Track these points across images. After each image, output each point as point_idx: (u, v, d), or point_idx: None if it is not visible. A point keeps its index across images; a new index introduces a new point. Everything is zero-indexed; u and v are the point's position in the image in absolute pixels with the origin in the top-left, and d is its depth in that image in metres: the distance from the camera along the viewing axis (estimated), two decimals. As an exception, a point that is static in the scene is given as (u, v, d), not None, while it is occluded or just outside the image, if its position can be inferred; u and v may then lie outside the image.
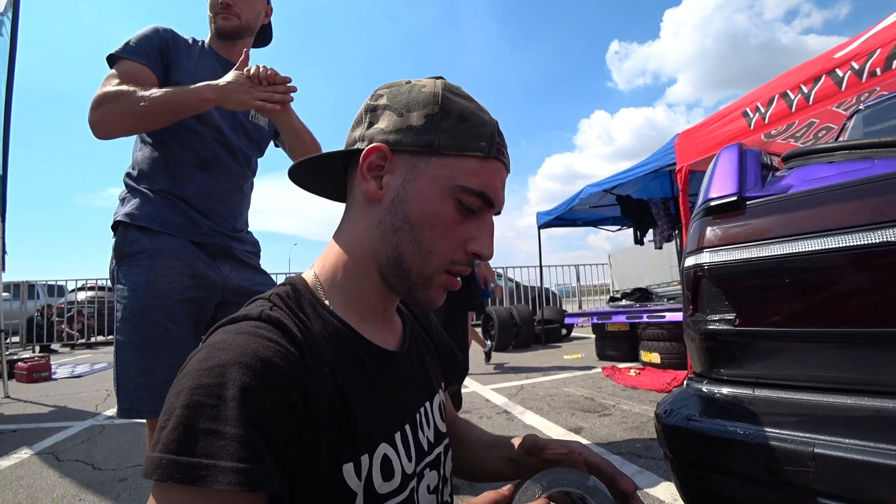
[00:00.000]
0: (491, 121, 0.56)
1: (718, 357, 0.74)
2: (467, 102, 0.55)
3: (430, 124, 0.53)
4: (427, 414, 0.62)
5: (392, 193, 0.54)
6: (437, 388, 0.67)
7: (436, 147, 0.52)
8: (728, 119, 4.56)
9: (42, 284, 10.49)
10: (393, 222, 0.54)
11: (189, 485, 0.38)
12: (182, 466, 0.38)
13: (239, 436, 0.39)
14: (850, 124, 2.01)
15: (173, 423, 0.40)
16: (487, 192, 0.54)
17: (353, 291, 0.57)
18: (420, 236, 0.53)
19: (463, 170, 0.53)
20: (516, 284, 11.07)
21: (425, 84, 0.55)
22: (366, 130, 0.56)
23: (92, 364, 6.97)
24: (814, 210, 0.66)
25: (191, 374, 0.42)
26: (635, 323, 4.94)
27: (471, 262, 0.57)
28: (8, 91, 4.29)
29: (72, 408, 4.08)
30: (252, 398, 0.41)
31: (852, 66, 3.46)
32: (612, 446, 2.52)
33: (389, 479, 0.51)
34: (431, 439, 0.60)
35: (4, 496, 2.22)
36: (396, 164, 0.54)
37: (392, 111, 0.54)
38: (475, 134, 0.53)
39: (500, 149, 0.55)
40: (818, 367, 0.64)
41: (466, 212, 0.54)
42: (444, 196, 0.53)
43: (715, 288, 0.74)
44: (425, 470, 0.58)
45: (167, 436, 0.39)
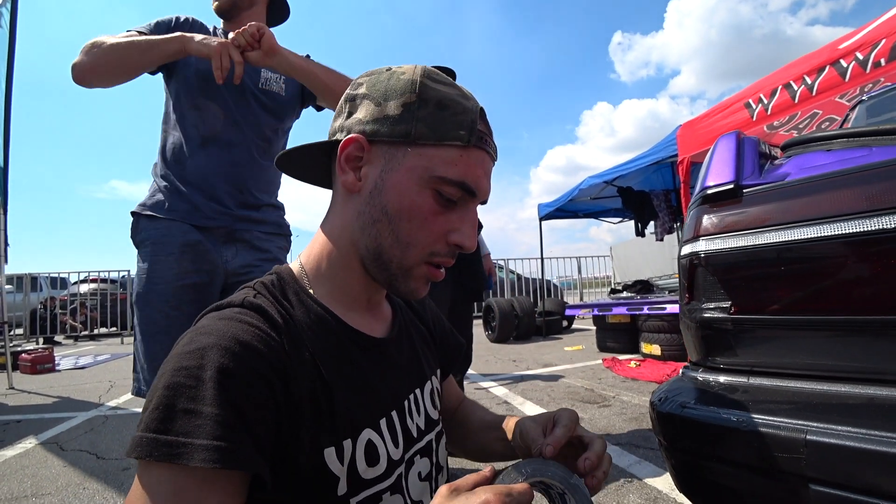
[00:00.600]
0: (473, 108, 0.54)
1: (714, 345, 0.74)
2: (447, 89, 0.53)
3: (407, 113, 0.51)
4: (417, 401, 0.61)
5: (370, 185, 0.53)
6: (428, 376, 0.66)
7: (412, 137, 0.51)
8: (730, 110, 4.54)
9: (45, 277, 10.53)
10: (371, 214, 0.53)
11: (167, 462, 0.39)
12: (161, 444, 0.39)
13: (215, 415, 0.40)
14: (852, 115, 2.00)
15: (154, 403, 0.41)
16: (468, 182, 0.53)
17: (337, 282, 0.58)
18: (398, 228, 0.53)
19: (441, 160, 0.52)
20: (518, 276, 11.08)
21: (405, 71, 0.54)
22: (345, 121, 0.55)
23: (95, 356, 7.01)
24: (811, 198, 0.66)
25: (173, 358, 0.43)
26: (636, 315, 4.94)
27: (453, 254, 0.56)
28: (8, 82, 4.28)
29: (75, 399, 4.11)
30: (229, 380, 0.41)
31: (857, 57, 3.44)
32: (612, 437, 2.53)
33: (374, 464, 0.51)
34: (422, 426, 0.60)
35: (10, 485, 2.24)
36: (374, 155, 0.53)
37: (370, 100, 0.53)
38: (454, 122, 0.52)
39: (483, 137, 0.54)
40: (813, 355, 0.64)
41: (446, 202, 0.53)
42: (422, 187, 0.52)
43: (711, 276, 0.74)
44: (415, 457, 0.58)
45: (149, 415, 0.41)
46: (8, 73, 4.28)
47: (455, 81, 0.57)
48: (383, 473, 0.52)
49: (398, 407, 0.58)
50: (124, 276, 10.28)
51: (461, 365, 0.70)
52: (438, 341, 0.76)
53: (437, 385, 0.70)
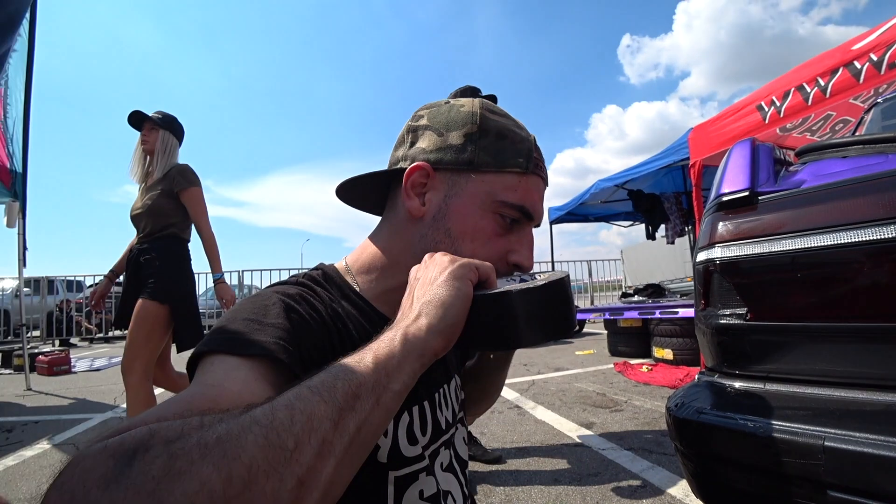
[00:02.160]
0: (528, 137, 0.58)
1: (730, 351, 0.74)
2: (505, 120, 0.57)
3: (470, 143, 0.55)
4: (445, 395, 0.65)
5: (434, 209, 0.56)
6: (453, 372, 0.70)
7: (475, 164, 0.55)
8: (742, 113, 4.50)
9: (61, 280, 10.69)
10: (434, 237, 0.56)
11: (230, 353, 0.43)
12: (227, 339, 0.44)
13: (274, 325, 0.46)
14: (867, 118, 1.98)
15: (222, 319, 0.48)
16: (526, 206, 0.56)
17: (384, 292, 0.61)
18: (460, 247, 0.55)
19: (502, 185, 0.55)
20: (527, 280, 11.02)
21: (464, 104, 0.57)
22: (408, 150, 0.59)
23: (110, 357, 7.11)
24: (826, 205, 0.66)
25: (240, 308, 0.49)
26: (648, 319, 4.91)
27: (510, 273, 0.58)
28: (27, 91, 4.37)
29: (91, 400, 4.18)
30: (290, 311, 0.48)
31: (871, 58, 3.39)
32: (624, 441, 2.52)
33: (414, 444, 0.55)
34: (449, 419, 0.64)
35: (28, 485, 2.29)
36: (438, 182, 0.56)
37: (432, 131, 0.57)
38: (513, 150, 0.55)
39: (539, 164, 0.57)
40: (829, 361, 0.64)
41: (508, 225, 0.56)
42: (485, 211, 0.55)
43: (727, 283, 0.74)
44: (441, 448, 0.61)
45: (217, 324, 0.47)
46: (27, 81, 4.37)
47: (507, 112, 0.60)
48: (419, 455, 0.56)
49: (430, 398, 0.61)
50: (138, 279, 10.42)
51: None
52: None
53: (459, 382, 0.73)
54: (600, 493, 1.93)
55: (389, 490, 0.52)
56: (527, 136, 0.58)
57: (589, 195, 6.81)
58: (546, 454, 2.37)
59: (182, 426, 0.29)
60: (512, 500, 1.95)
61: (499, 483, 2.12)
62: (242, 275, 10.45)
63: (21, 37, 4.35)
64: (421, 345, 0.41)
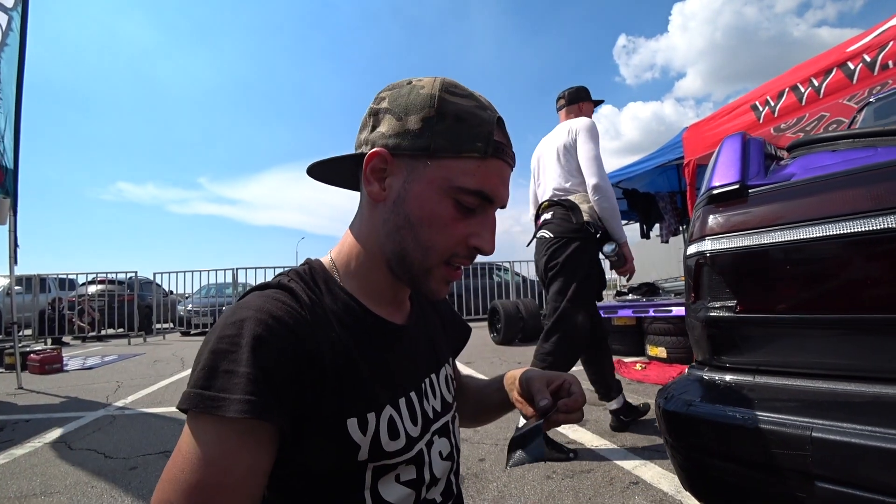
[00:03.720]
0: (490, 119, 0.57)
1: (719, 344, 0.74)
2: (465, 101, 0.56)
3: (426, 128, 0.55)
4: (433, 385, 0.66)
5: (394, 194, 0.57)
6: (443, 362, 0.71)
7: (432, 150, 0.54)
8: (737, 112, 4.53)
9: (53, 278, 10.61)
10: (396, 221, 0.57)
11: (209, 414, 0.46)
12: (204, 398, 0.46)
13: (248, 374, 0.46)
14: (860, 117, 1.99)
15: (201, 365, 0.48)
16: (485, 191, 0.56)
17: (365, 280, 0.62)
18: (419, 234, 0.56)
19: (460, 170, 0.55)
20: (523, 279, 11.06)
21: (424, 85, 0.57)
22: (369, 134, 0.59)
23: (102, 356, 7.06)
24: (815, 197, 0.66)
25: (218, 327, 0.50)
26: (641, 317, 4.93)
27: (472, 255, 0.60)
28: (18, 86, 4.33)
29: (83, 398, 4.15)
30: (261, 346, 0.48)
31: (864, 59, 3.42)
32: (617, 439, 2.53)
33: (395, 438, 0.56)
34: (438, 408, 0.65)
35: (20, 483, 2.27)
36: (397, 167, 0.57)
37: (392, 115, 0.57)
38: (472, 135, 0.55)
39: (500, 147, 0.57)
40: (818, 353, 0.65)
41: (466, 210, 0.57)
42: (442, 196, 0.55)
43: (716, 275, 0.74)
44: (434, 437, 0.63)
45: (196, 375, 0.48)
46: (18, 77, 4.34)
47: (473, 91, 0.59)
48: (403, 448, 0.57)
49: (416, 388, 0.63)
50: (131, 277, 10.35)
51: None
52: (450, 328, 0.82)
53: (451, 371, 0.75)
54: (593, 489, 1.94)
55: (367, 476, 0.54)
56: (488, 119, 0.56)
57: (584, 194, 6.83)
58: (539, 451, 2.37)
59: None
60: (504, 497, 1.95)
61: (491, 479, 2.12)
62: (237, 273, 10.41)
63: (13, 31, 4.31)
64: None
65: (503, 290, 10.86)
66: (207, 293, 11.20)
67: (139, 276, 10.53)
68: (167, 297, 11.23)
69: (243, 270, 10.57)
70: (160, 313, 10.69)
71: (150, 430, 3.08)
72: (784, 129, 4.31)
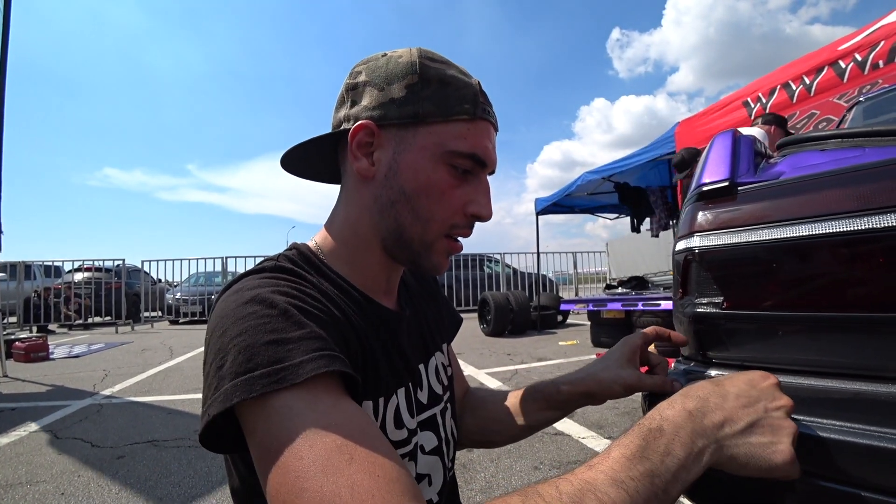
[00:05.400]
0: (473, 82, 0.55)
1: (706, 340, 0.75)
2: (446, 67, 0.55)
3: (412, 94, 0.52)
4: (422, 375, 0.63)
5: (385, 168, 0.54)
6: (432, 352, 0.68)
7: (420, 116, 0.52)
8: (728, 109, 4.56)
9: (39, 265, 10.48)
10: (389, 196, 0.54)
11: (273, 392, 0.37)
12: (257, 378, 0.38)
13: (302, 334, 0.41)
14: (849, 116, 2.01)
15: (233, 355, 0.39)
16: (478, 153, 0.54)
17: (357, 265, 0.58)
18: (417, 205, 0.54)
19: (451, 134, 0.53)
20: (514, 270, 11.11)
21: (401, 54, 0.55)
22: (349, 110, 0.56)
23: (89, 345, 7.01)
24: (803, 196, 0.66)
25: (229, 315, 0.43)
26: (631, 310, 4.98)
27: (471, 224, 0.57)
28: (1, 70, 4.23)
29: (69, 387, 4.12)
30: (299, 309, 0.44)
31: (855, 58, 3.46)
32: (604, 430, 2.56)
33: (400, 427, 0.54)
34: (424, 401, 0.62)
35: (5, 472, 2.25)
36: (385, 139, 0.54)
37: (373, 87, 0.54)
38: (458, 97, 0.53)
39: (486, 108, 0.55)
40: (802, 350, 0.65)
41: (461, 175, 0.54)
42: (436, 163, 0.53)
43: (704, 272, 0.75)
44: (417, 429, 0.59)
45: (230, 366, 0.39)
46: (1, 61, 4.23)
47: (448, 58, 0.58)
48: (405, 439, 0.55)
49: (412, 379, 0.60)
50: (118, 265, 10.25)
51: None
52: (445, 313, 0.78)
53: (444, 360, 0.71)
54: (579, 480, 1.97)
55: None
56: (470, 81, 0.55)
57: (576, 187, 6.86)
58: (526, 442, 2.40)
59: None
60: (492, 487, 1.98)
61: (479, 470, 2.14)
62: (226, 261, 10.35)
63: (-5, 13, 4.20)
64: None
65: (493, 281, 10.91)
66: (196, 281, 11.13)
67: (127, 264, 10.44)
68: (155, 285, 11.14)
69: (233, 259, 10.51)
70: (148, 301, 10.62)
71: (138, 420, 3.07)
72: (775, 125, 4.35)
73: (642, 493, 0.36)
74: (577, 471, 0.38)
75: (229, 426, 0.41)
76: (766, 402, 0.46)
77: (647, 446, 0.40)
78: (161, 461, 2.34)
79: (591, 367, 0.71)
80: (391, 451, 0.38)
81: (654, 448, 0.39)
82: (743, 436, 0.43)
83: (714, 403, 0.45)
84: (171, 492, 2.02)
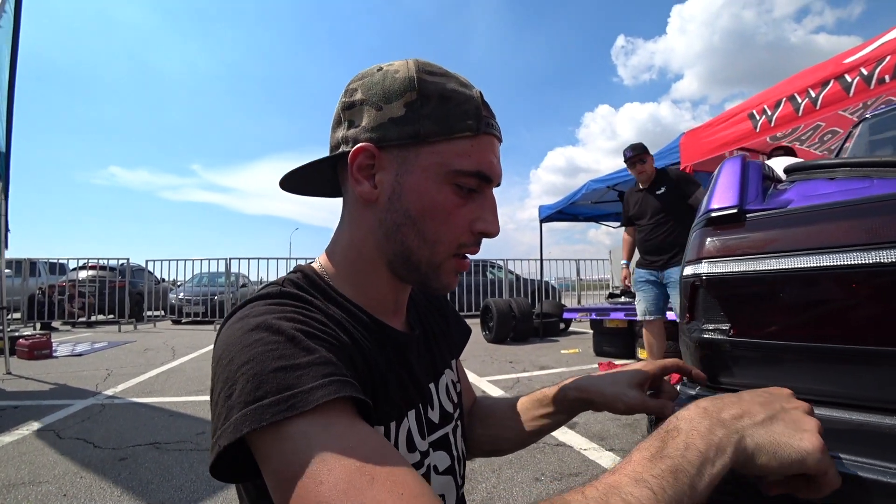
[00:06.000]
0: (474, 94, 0.54)
1: (712, 365, 0.76)
2: (445, 80, 0.53)
3: (412, 113, 0.51)
4: (432, 395, 0.62)
5: (388, 191, 0.53)
6: (442, 370, 0.67)
7: (422, 136, 0.51)
8: (734, 120, 4.55)
9: (44, 262, 10.52)
10: (394, 219, 0.53)
11: (283, 420, 0.37)
12: (267, 407, 0.37)
13: (311, 360, 0.40)
14: (856, 132, 2.01)
15: (241, 383, 0.39)
16: (483, 170, 0.53)
17: (364, 287, 0.57)
18: (423, 228, 0.53)
19: (454, 153, 0.51)
20: (516, 277, 11.10)
21: (398, 69, 0.53)
22: (347, 131, 0.54)
23: (92, 343, 7.03)
24: (811, 227, 0.67)
25: (236, 343, 0.42)
26: (633, 320, 4.97)
27: (478, 242, 0.56)
28: (11, 69, 4.28)
29: (72, 386, 4.13)
30: (307, 334, 0.43)
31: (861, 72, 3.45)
32: (606, 441, 2.56)
33: (412, 451, 0.53)
34: (436, 420, 0.61)
35: (7, 471, 2.26)
36: (386, 161, 0.52)
37: (370, 105, 0.52)
38: (460, 113, 0.51)
39: (489, 122, 0.54)
40: (807, 380, 0.66)
41: (466, 194, 0.53)
42: (440, 184, 0.52)
43: (712, 298, 0.76)
44: (430, 450, 0.58)
45: (238, 395, 0.38)
46: (12, 59, 4.28)
47: (447, 69, 0.56)
48: (418, 462, 0.54)
49: (422, 400, 0.59)
50: (123, 263, 10.29)
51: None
52: (454, 328, 0.77)
53: (453, 377, 0.71)
54: (580, 493, 1.97)
55: None
56: (471, 94, 0.53)
57: (580, 195, 6.86)
58: (528, 453, 2.39)
59: None
60: (493, 498, 1.98)
61: (480, 480, 2.14)
62: (230, 262, 10.37)
63: (6, 13, 4.24)
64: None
65: (496, 288, 10.89)
66: (199, 282, 11.16)
67: (131, 263, 10.48)
68: (159, 284, 11.17)
69: (236, 260, 10.52)
70: (151, 301, 10.65)
71: (140, 421, 3.08)
72: (780, 137, 4.34)
73: (668, 490, 0.36)
74: (601, 477, 0.38)
75: (241, 455, 0.40)
76: (783, 402, 0.46)
77: (666, 445, 0.40)
78: (163, 464, 2.35)
79: (600, 379, 0.70)
80: (411, 468, 0.38)
81: (674, 445, 0.39)
82: (764, 426, 0.42)
83: (729, 401, 0.46)
84: (174, 495, 2.03)
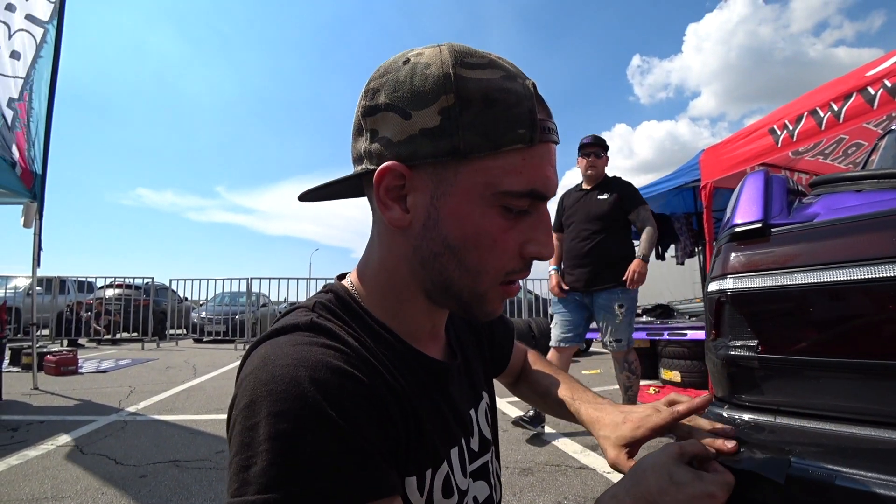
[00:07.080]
0: (525, 91, 0.43)
1: (740, 383, 0.74)
2: (489, 73, 0.43)
3: (448, 122, 0.41)
4: (473, 422, 0.58)
5: (422, 216, 0.45)
6: (481, 394, 0.62)
7: (462, 151, 0.41)
8: (755, 136, 4.50)
9: (73, 280, 10.84)
10: (431, 248, 0.46)
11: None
12: (295, 498, 0.34)
13: (343, 449, 0.36)
14: (882, 144, 1.97)
15: (263, 460, 0.35)
16: (538, 188, 0.44)
17: (399, 313, 0.51)
18: (465, 258, 0.45)
19: (502, 170, 0.42)
20: (535, 297, 11.00)
21: (429, 62, 0.43)
22: (370, 143, 0.45)
23: (117, 360, 7.16)
24: (839, 240, 0.66)
25: (262, 400, 0.37)
26: (656, 340, 4.87)
27: (529, 265, 0.48)
28: (50, 96, 4.48)
29: (96, 402, 4.20)
30: (341, 413, 0.37)
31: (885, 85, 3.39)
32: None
33: (449, 496, 0.49)
34: (476, 448, 0.56)
35: (31, 485, 2.30)
36: (418, 181, 0.44)
37: (396, 112, 0.43)
38: (510, 119, 0.42)
39: (546, 126, 0.44)
40: (841, 397, 0.64)
41: (515, 216, 0.45)
42: (485, 207, 0.43)
43: (738, 314, 0.74)
44: (469, 480, 0.54)
45: (260, 475, 0.34)
46: (51, 87, 4.48)
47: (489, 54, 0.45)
48: (457, 503, 0.50)
49: (464, 433, 0.54)
50: (148, 282, 10.54)
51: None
52: (487, 341, 0.72)
53: (488, 400, 0.66)
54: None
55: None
56: (523, 90, 0.43)
57: (599, 213, 6.81)
58: (550, 475, 2.34)
59: None
60: (513, 522, 1.93)
61: None
62: (251, 282, 10.51)
63: (48, 44, 4.47)
64: None
65: (515, 307, 10.80)
66: (221, 301, 11.33)
67: (155, 282, 10.72)
68: (181, 303, 11.38)
69: (257, 280, 10.67)
70: (174, 319, 10.85)
71: (161, 438, 3.10)
72: (802, 152, 4.27)
73: None
74: None
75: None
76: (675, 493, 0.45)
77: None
78: (182, 482, 2.35)
79: (607, 415, 0.68)
80: None
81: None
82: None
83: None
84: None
